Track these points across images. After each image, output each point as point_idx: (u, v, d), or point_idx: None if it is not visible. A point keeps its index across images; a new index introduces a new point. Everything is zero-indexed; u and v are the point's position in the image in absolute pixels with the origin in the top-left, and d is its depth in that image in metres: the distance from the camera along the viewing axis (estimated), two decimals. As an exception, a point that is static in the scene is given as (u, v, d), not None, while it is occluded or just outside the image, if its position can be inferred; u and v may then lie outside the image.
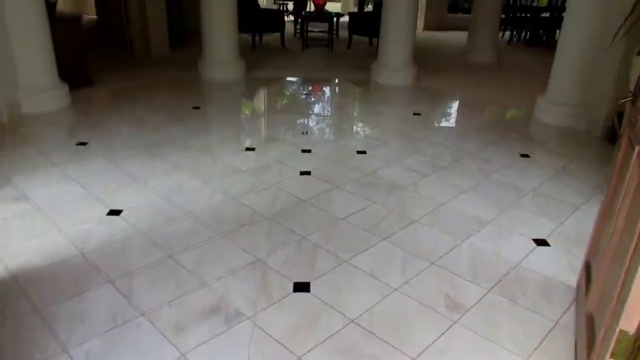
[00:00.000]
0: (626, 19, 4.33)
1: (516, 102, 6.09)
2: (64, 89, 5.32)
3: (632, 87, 4.18)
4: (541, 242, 2.95)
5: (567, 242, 2.97)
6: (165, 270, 2.59)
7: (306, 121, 5.28)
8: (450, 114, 5.92)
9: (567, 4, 5.15)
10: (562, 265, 2.74)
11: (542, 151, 4.50)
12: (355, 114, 5.83)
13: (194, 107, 5.44)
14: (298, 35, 9.91)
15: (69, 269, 2.58)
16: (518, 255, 2.81)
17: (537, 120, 5.41)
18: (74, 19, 5.86)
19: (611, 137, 4.81)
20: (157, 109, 5.31)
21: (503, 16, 8.98)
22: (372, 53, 8.60)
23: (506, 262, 2.74)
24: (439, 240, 2.95)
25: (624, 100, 2.19)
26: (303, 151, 4.29)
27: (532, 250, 2.87)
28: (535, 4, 11.40)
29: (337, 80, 7.04)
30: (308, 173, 3.83)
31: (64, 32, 5.65)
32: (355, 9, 12.55)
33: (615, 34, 4.43)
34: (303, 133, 4.76)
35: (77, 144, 4.27)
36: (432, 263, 2.71)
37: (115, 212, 3.15)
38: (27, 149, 4.15)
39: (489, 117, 5.50)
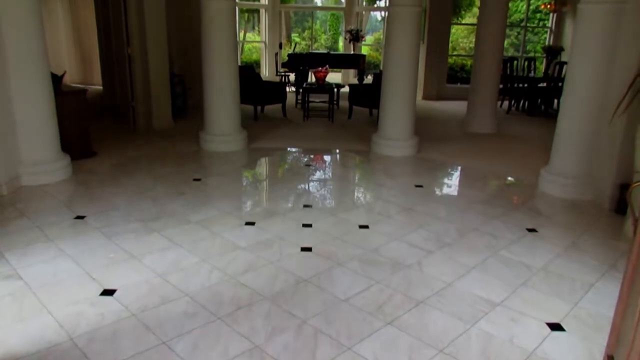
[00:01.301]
0: (626, 93, 4.37)
1: (519, 173, 6.06)
2: (66, 160, 5.32)
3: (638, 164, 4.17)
4: (555, 327, 2.79)
5: (584, 326, 2.81)
6: (158, 358, 2.43)
7: (307, 194, 5.23)
8: (452, 186, 5.88)
9: (565, 76, 5.22)
10: (580, 354, 2.57)
11: (550, 225, 4.40)
12: (356, 186, 5.79)
13: (195, 179, 5.41)
14: (299, 105, 10.10)
15: (55, 357, 2.42)
16: (532, 343, 2.64)
17: (541, 192, 5.35)
18: (79, 92, 5.96)
19: (619, 208, 4.74)
20: (157, 181, 5.28)
21: (501, 86, 9.15)
22: (372, 123, 8.71)
23: (520, 350, 2.57)
24: (447, 324, 2.79)
25: (635, 184, 2.12)
26: (304, 225, 4.19)
27: (547, 336, 2.71)
28: (532, 74, 11.68)
29: (338, 151, 7.07)
30: (309, 249, 3.72)
31: (69, 105, 5.75)
32: (355, 80, 12.87)
33: (616, 109, 4.46)
34: (304, 206, 4.69)
35: (75, 218, 4.20)
36: (440, 351, 2.55)
37: (108, 292, 3.02)
38: (23, 222, 4.07)
39: (493, 189, 5.45)
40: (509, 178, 5.94)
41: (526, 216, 4.61)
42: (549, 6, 11.65)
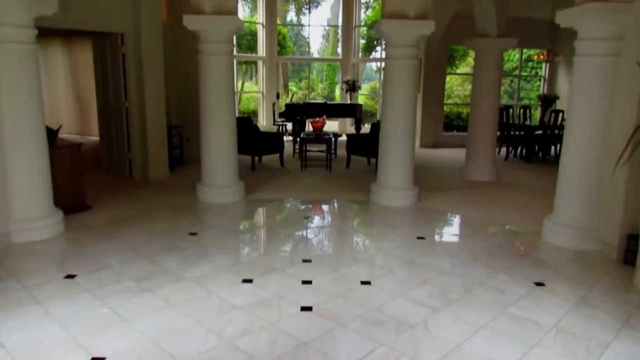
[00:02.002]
0: (627, 144, 4.33)
1: (522, 223, 5.94)
2: (58, 215, 5.20)
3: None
4: (575, 394, 2.61)
5: (604, 393, 2.63)
6: None
7: (306, 247, 5.08)
8: (455, 237, 5.74)
9: (565, 126, 5.19)
10: None
11: (558, 278, 4.25)
12: (356, 239, 5.65)
13: (191, 233, 5.27)
14: (297, 155, 10.08)
15: None
16: (551, 413, 2.45)
17: (546, 242, 5.22)
18: (74, 146, 5.90)
19: (627, 259, 4.61)
20: (152, 236, 5.14)
21: (498, 133, 9.17)
22: (371, 172, 8.66)
23: (539, 422, 2.38)
24: (459, 392, 2.61)
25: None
26: (304, 282, 4.03)
27: (566, 404, 2.52)
28: (528, 122, 11.77)
29: (336, 202, 6.97)
30: (309, 309, 3.55)
31: (63, 159, 5.68)
32: (353, 129, 12.94)
33: (619, 160, 4.41)
34: (303, 261, 4.54)
35: (65, 277, 4.03)
36: None
37: (96, 361, 2.84)
38: (10, 283, 3.90)
39: (496, 240, 5.32)
40: (512, 228, 5.82)
41: (532, 268, 4.46)
42: (541, 56, 11.85)
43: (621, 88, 4.66)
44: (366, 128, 13.16)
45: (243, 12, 20.00)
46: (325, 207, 6.81)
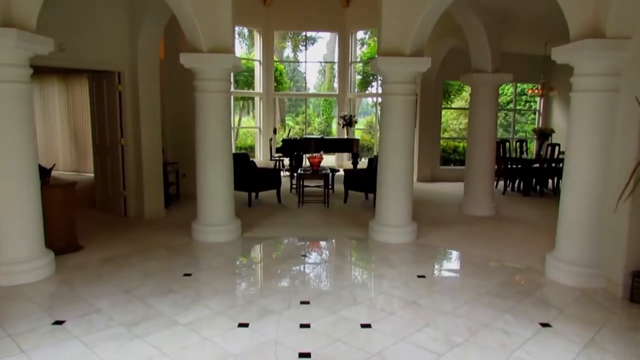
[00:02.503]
0: (629, 180, 4.27)
1: (523, 260, 5.83)
2: (49, 257, 5.06)
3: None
4: None
5: None
6: None
7: (304, 288, 4.94)
8: (456, 276, 5.61)
9: (564, 162, 5.14)
10: None
11: (564, 318, 4.11)
12: (355, 278, 5.51)
13: (185, 274, 5.13)
14: (294, 190, 10.00)
15: None
16: None
17: (549, 280, 5.10)
18: (68, 185, 5.81)
19: (634, 296, 4.49)
20: (145, 278, 4.99)
21: (495, 167, 9.15)
22: (369, 207, 8.58)
23: None
24: None
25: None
26: (302, 326, 3.89)
27: None
28: (524, 155, 11.78)
29: (334, 239, 6.84)
30: (308, 355, 3.40)
31: (56, 199, 5.59)
32: (350, 163, 12.93)
33: (620, 195, 4.34)
34: (301, 303, 4.39)
35: (53, 323, 3.87)
36: None
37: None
38: (-4, 330, 3.74)
39: (498, 278, 5.19)
40: (514, 265, 5.69)
41: (537, 308, 4.33)
42: (536, 91, 11.96)
43: (620, 123, 4.63)
44: (363, 162, 13.17)
45: (241, 49, 20.30)
46: (323, 245, 6.69)
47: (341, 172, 10.57)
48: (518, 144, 12.08)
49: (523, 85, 15.77)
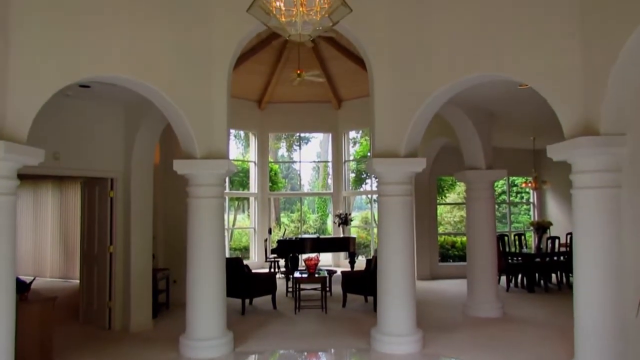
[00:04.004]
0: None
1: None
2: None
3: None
4: None
5: None
6: None
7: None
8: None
9: (574, 263, 4.87)
10: None
11: None
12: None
13: (171, 399, 4.66)
14: (290, 294, 9.59)
15: None
16: None
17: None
18: (47, 300, 5.47)
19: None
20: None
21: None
22: (369, 311, 8.16)
23: None
24: None
25: None
26: None
27: None
28: (524, 249, 11.55)
29: (333, 350, 6.38)
30: None
31: (33, 315, 5.24)
32: (347, 262, 12.61)
33: (640, 301, 4.08)
34: None
35: None
36: None
37: None
38: None
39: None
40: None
41: None
42: (529, 184, 12.02)
43: (628, 220, 4.47)
44: (360, 261, 12.85)
45: (237, 149, 20.66)
46: (322, 357, 6.22)
47: (339, 273, 10.24)
48: (516, 237, 11.90)
49: (515, 179, 15.92)
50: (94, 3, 5.11)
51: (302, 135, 16.97)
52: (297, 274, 8.82)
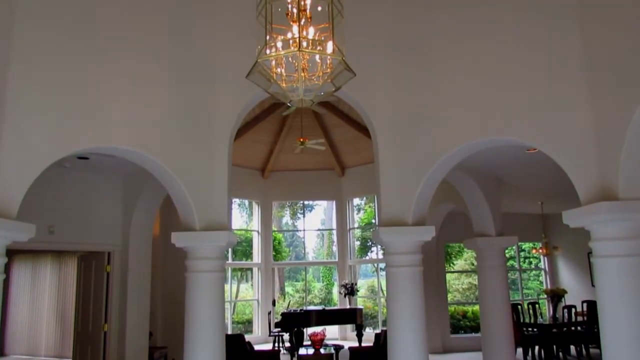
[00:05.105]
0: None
1: None
2: None
3: None
4: None
5: None
6: None
7: None
8: None
9: (600, 337, 4.49)
10: None
11: None
12: None
13: None
14: (295, 372, 9.05)
15: None
16: None
17: None
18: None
19: None
20: None
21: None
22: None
23: None
24: None
25: None
26: None
27: None
28: (540, 319, 11.00)
29: None
30: None
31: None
32: (354, 334, 12.04)
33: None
34: None
35: None
36: None
37: None
38: None
39: None
40: None
41: None
42: (540, 250, 11.67)
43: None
44: (368, 333, 12.31)
45: (241, 217, 20.43)
46: None
47: (346, 349, 9.70)
48: (530, 306, 11.38)
49: (525, 244, 15.53)
50: (94, 70, 5.02)
51: (306, 202, 16.83)
52: (302, 351, 8.36)
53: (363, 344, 10.37)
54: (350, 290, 13.16)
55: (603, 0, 4.45)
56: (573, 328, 10.28)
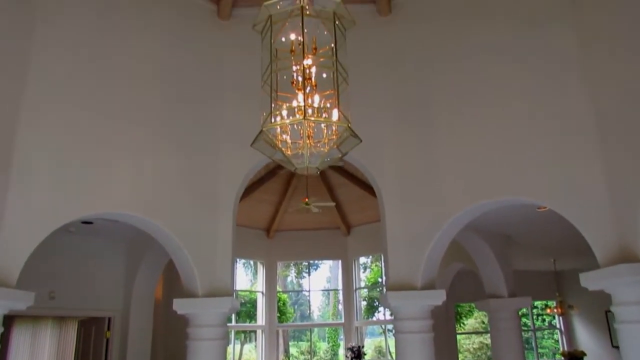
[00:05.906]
0: None
1: None
2: None
3: None
4: None
5: None
6: None
7: None
8: None
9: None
10: None
11: None
12: None
13: None
14: None
15: None
16: None
17: None
18: None
19: None
20: None
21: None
22: None
23: None
24: None
25: None
26: None
27: None
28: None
29: None
30: None
31: None
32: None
33: None
34: None
35: None
36: None
37: None
38: None
39: None
40: None
41: None
42: (555, 310, 11.31)
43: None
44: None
45: (246, 276, 20.08)
46: None
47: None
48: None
49: (538, 303, 15.09)
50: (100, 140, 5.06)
51: (312, 261, 16.57)
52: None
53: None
54: (357, 354, 12.69)
55: (607, 50, 4.48)
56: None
